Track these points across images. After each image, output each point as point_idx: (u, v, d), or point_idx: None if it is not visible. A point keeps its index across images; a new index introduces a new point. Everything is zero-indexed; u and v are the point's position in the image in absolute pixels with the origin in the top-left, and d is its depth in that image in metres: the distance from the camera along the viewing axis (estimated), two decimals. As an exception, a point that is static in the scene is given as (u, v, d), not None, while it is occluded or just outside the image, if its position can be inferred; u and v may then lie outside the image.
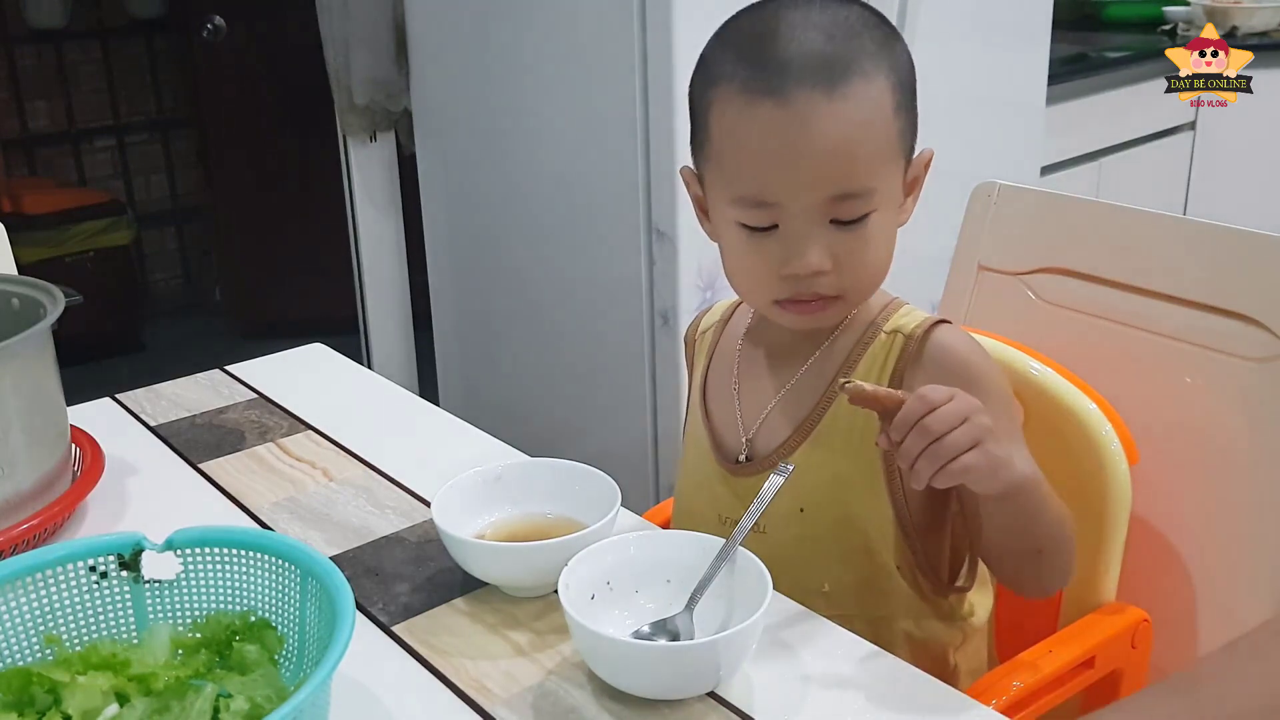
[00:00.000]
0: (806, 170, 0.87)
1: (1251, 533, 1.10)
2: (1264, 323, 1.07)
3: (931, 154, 0.96)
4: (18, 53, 3.85)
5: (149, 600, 0.80)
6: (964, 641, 1.03)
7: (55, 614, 0.78)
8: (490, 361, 2.44)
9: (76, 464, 1.10)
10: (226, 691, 0.72)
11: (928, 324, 0.96)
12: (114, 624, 0.79)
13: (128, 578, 0.79)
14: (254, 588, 0.79)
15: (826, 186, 0.88)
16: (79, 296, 1.10)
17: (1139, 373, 1.15)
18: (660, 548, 0.88)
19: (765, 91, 0.86)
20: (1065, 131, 2.65)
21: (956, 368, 0.94)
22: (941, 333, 0.96)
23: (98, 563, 0.78)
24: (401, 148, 2.63)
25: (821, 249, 0.89)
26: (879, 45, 0.89)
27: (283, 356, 1.44)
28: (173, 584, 0.80)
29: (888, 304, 1.00)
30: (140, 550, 0.79)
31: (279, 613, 0.78)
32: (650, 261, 1.97)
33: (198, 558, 0.80)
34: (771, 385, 1.02)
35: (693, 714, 0.78)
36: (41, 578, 0.77)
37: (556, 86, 2.06)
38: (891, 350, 0.96)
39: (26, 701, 0.72)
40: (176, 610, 0.80)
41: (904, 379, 0.95)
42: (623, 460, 2.07)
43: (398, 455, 1.17)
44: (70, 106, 3.98)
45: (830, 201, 0.88)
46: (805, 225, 0.89)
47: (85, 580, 0.78)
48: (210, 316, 4.13)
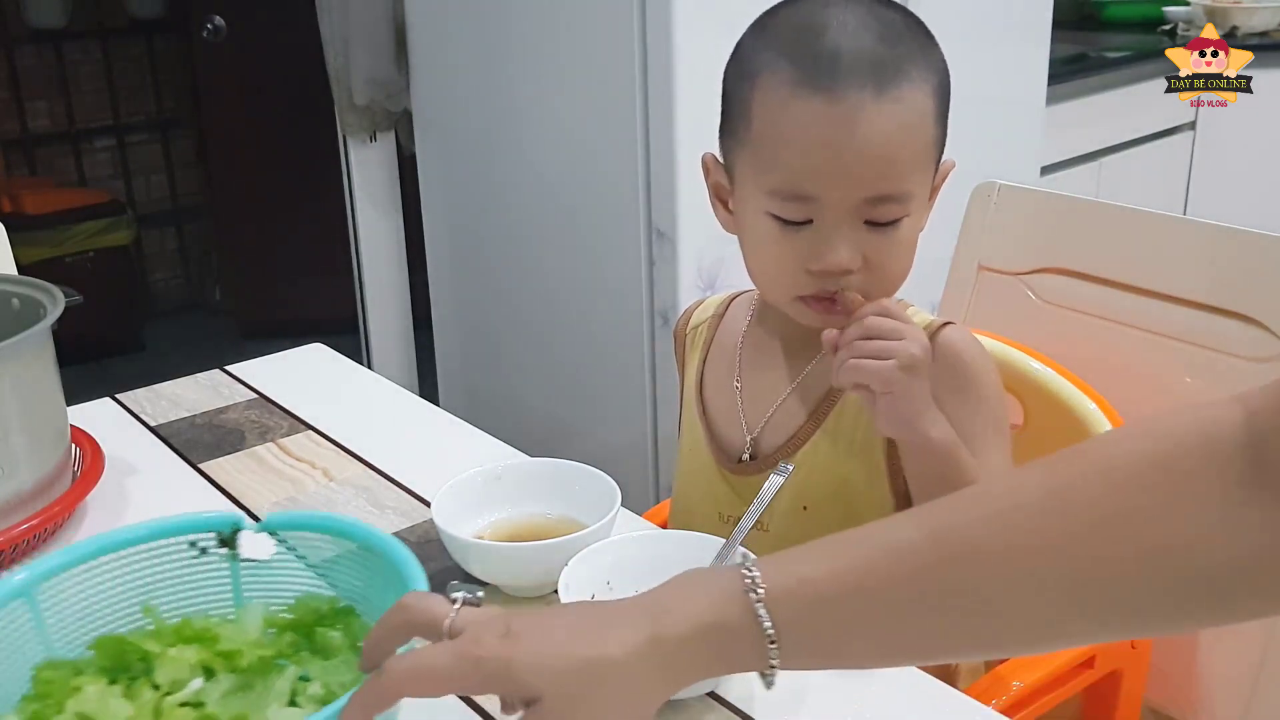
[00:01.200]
0: (849, 168, 0.87)
1: (1251, 533, 1.10)
2: (1264, 323, 1.07)
3: (953, 164, 0.96)
4: (18, 53, 3.84)
5: (244, 578, 0.81)
6: None
7: (154, 585, 0.80)
8: (490, 361, 2.44)
9: (76, 464, 1.10)
10: (307, 674, 0.74)
11: (935, 326, 0.97)
12: (209, 599, 0.81)
13: (225, 555, 0.81)
14: (342, 574, 0.80)
15: (866, 187, 0.87)
16: (79, 296, 1.10)
17: (1139, 373, 1.15)
18: (660, 548, 0.88)
19: (815, 86, 0.86)
20: (1065, 131, 2.64)
21: (953, 363, 0.95)
22: (947, 332, 0.96)
23: (197, 539, 0.80)
24: (401, 148, 2.63)
25: (852, 247, 0.89)
26: (925, 51, 0.90)
27: (283, 356, 1.44)
28: (267, 564, 0.81)
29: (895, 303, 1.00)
30: (238, 529, 0.81)
31: (364, 600, 0.79)
32: (650, 261, 1.97)
33: (292, 540, 0.81)
34: (777, 383, 1.02)
35: (693, 714, 0.78)
36: (144, 549, 0.79)
37: (556, 86, 2.06)
38: None
39: (121, 668, 0.74)
40: (269, 590, 0.82)
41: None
42: (623, 460, 2.07)
43: (398, 455, 1.17)
44: (70, 106, 3.98)
45: (867, 202, 0.88)
46: (839, 223, 0.89)
47: (184, 555, 0.80)
48: (210, 316, 4.13)
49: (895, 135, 0.87)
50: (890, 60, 0.87)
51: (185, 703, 0.72)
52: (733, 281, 0.97)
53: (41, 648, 0.74)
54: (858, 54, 0.86)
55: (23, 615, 0.74)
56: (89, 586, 0.77)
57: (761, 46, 0.91)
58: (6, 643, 0.72)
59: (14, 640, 0.73)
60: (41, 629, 0.75)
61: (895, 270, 0.93)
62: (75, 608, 0.77)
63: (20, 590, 0.74)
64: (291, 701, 0.72)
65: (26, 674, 0.73)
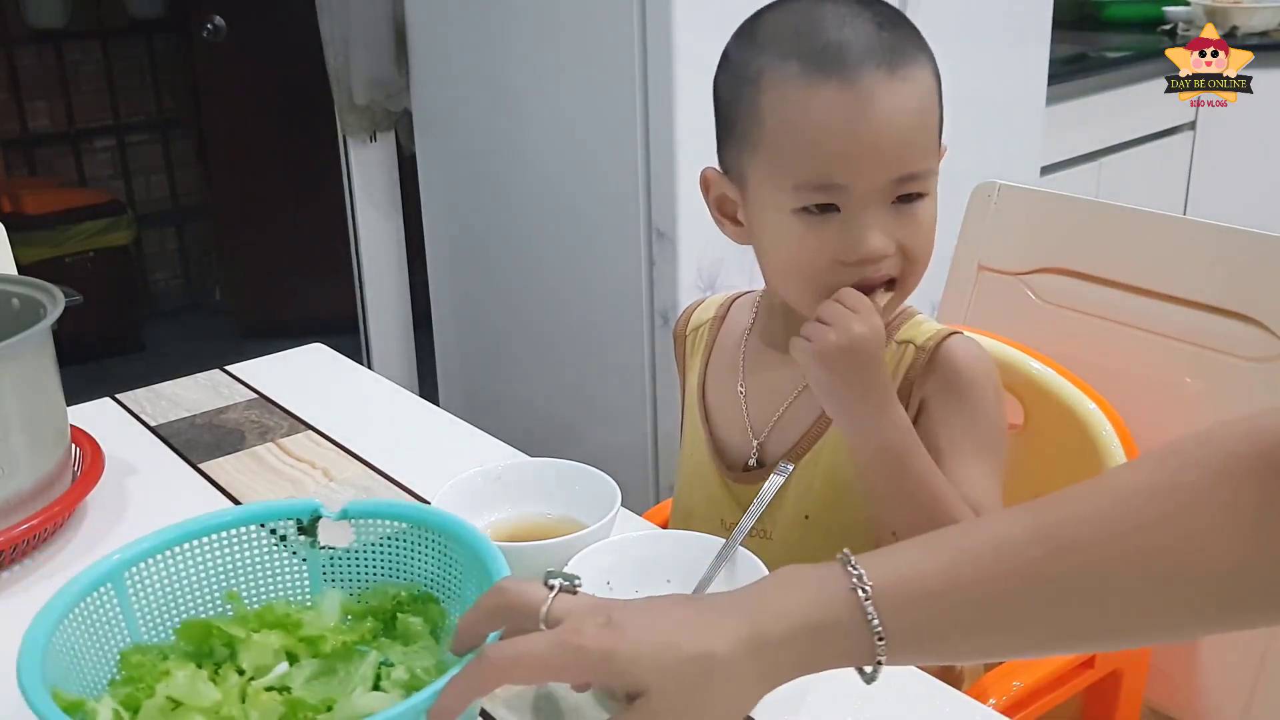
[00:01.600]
0: (873, 150, 0.87)
1: (1251, 533, 1.10)
2: (1264, 323, 1.07)
3: (946, 149, 0.96)
4: (18, 53, 3.85)
5: (323, 566, 0.82)
6: None
7: (236, 572, 0.81)
8: (490, 361, 2.44)
9: (76, 464, 1.10)
10: (389, 660, 0.75)
11: (940, 336, 0.96)
12: (289, 586, 0.83)
13: (304, 542, 0.82)
14: (421, 561, 0.81)
15: (892, 167, 0.87)
16: (79, 296, 1.10)
17: (1139, 373, 1.15)
18: (660, 548, 0.88)
19: (827, 74, 0.86)
20: (1065, 131, 2.64)
21: (949, 373, 0.95)
22: (951, 341, 0.96)
23: (278, 526, 0.82)
24: (401, 148, 2.63)
25: (884, 232, 0.89)
26: (917, 33, 0.91)
27: (283, 356, 1.44)
28: (346, 552, 0.82)
29: (900, 311, 0.99)
30: (318, 517, 0.82)
31: (442, 587, 0.80)
32: (650, 261, 1.97)
33: (371, 528, 0.82)
34: (782, 386, 1.00)
35: (693, 714, 0.78)
36: (226, 536, 0.81)
37: (557, 87, 2.06)
38: (902, 360, 0.96)
39: (205, 653, 0.76)
40: (347, 577, 0.83)
41: (914, 389, 0.95)
42: (623, 460, 2.07)
43: (398, 455, 1.17)
44: (70, 106, 3.98)
45: (894, 183, 0.88)
46: (868, 208, 0.88)
47: (266, 542, 0.81)
48: (210, 316, 4.13)
49: (912, 113, 0.88)
50: (894, 42, 0.87)
51: (271, 687, 0.73)
52: (733, 281, 0.97)
53: (127, 632, 0.76)
54: (864, 39, 0.87)
55: (110, 599, 0.75)
56: (173, 572, 0.79)
57: (757, 51, 0.91)
58: (95, 626, 0.74)
59: (102, 624, 0.74)
60: (128, 613, 0.76)
61: (923, 252, 0.92)
62: (160, 593, 0.78)
63: (108, 575, 0.75)
64: (375, 686, 0.73)
65: (114, 658, 0.74)
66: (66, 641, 0.71)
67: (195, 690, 0.71)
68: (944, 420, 0.94)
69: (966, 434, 0.94)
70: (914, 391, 0.95)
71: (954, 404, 0.94)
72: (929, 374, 0.95)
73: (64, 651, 0.70)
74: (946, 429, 0.94)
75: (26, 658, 0.66)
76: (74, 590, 0.73)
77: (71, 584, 0.73)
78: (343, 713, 0.70)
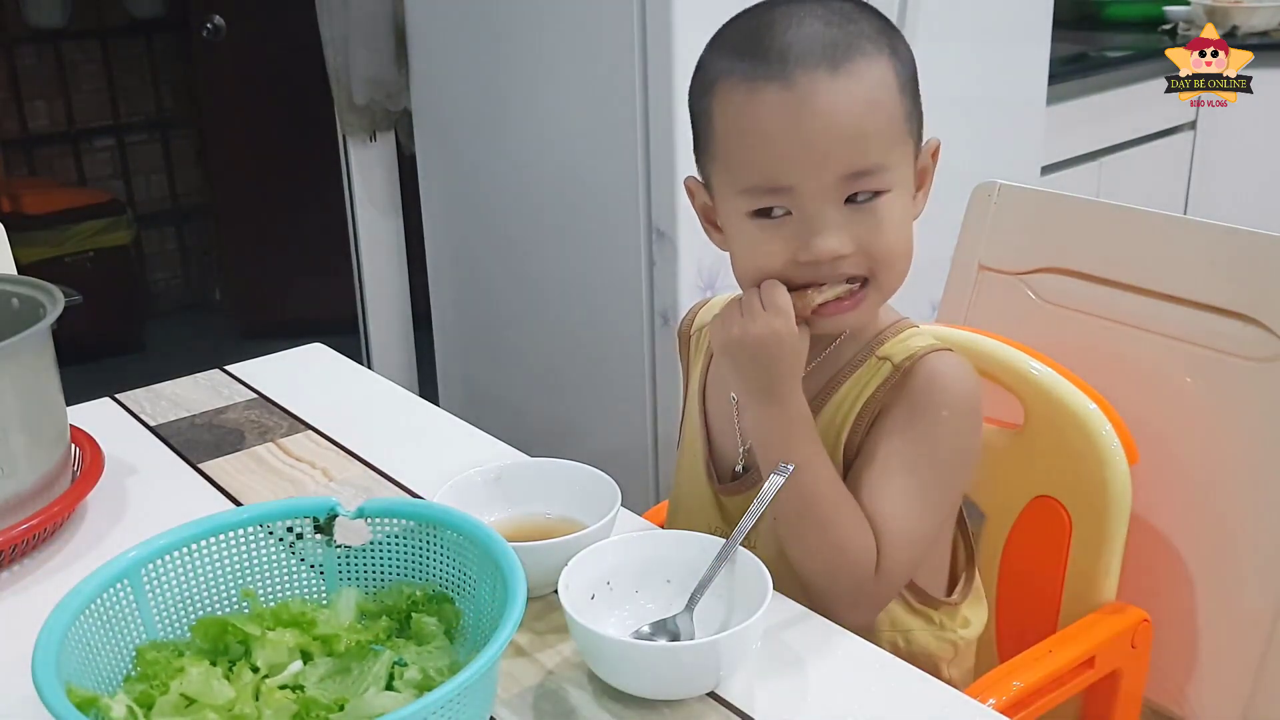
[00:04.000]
0: (816, 149, 0.86)
1: (1251, 532, 1.10)
2: (1264, 323, 1.07)
3: (939, 143, 0.95)
4: (18, 53, 3.84)
5: (339, 564, 0.83)
6: (956, 655, 1.01)
7: (252, 570, 0.82)
8: (490, 361, 2.44)
9: (76, 464, 1.10)
10: (402, 660, 0.75)
11: (921, 353, 0.94)
12: (305, 584, 0.83)
13: (320, 540, 0.82)
14: (436, 561, 0.81)
15: (838, 165, 0.87)
16: (79, 296, 1.10)
17: (1139, 373, 1.15)
18: (660, 548, 0.88)
19: (767, 77, 0.86)
20: (1065, 131, 2.64)
21: (915, 388, 0.93)
22: (931, 358, 0.94)
23: (294, 524, 0.82)
24: (401, 148, 2.63)
25: (839, 231, 0.88)
26: (877, 30, 0.89)
27: (283, 356, 1.44)
28: (361, 550, 0.82)
29: (894, 323, 0.98)
30: (334, 515, 0.82)
31: (458, 588, 0.80)
32: (650, 261, 1.97)
33: (387, 528, 0.82)
34: None
35: (693, 714, 0.78)
36: (243, 534, 0.81)
37: (556, 86, 2.06)
38: (875, 376, 0.94)
39: (221, 650, 0.77)
40: (363, 576, 0.83)
41: (881, 407, 0.94)
42: (623, 460, 2.07)
43: (398, 455, 1.17)
44: (70, 106, 3.98)
45: (843, 181, 0.87)
46: (820, 208, 0.88)
47: (283, 540, 0.82)
48: (210, 316, 4.13)
49: (858, 109, 0.86)
50: (841, 39, 0.87)
51: (284, 685, 0.73)
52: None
53: (143, 628, 0.77)
54: (807, 39, 0.86)
55: (126, 595, 0.76)
56: (189, 569, 0.79)
57: (716, 57, 0.91)
58: (111, 622, 0.74)
59: (118, 620, 0.75)
60: (145, 609, 0.77)
61: (887, 252, 0.90)
62: (176, 590, 0.79)
63: (125, 571, 0.76)
64: (388, 686, 0.73)
65: (129, 654, 0.75)
66: (82, 637, 0.71)
67: (209, 687, 0.71)
68: (890, 430, 0.93)
69: (907, 448, 0.92)
70: (881, 409, 0.94)
71: (906, 417, 0.93)
72: (898, 390, 0.93)
73: (79, 647, 0.70)
74: (888, 439, 0.93)
75: (41, 653, 0.66)
76: (90, 586, 0.73)
77: (88, 580, 0.73)
78: (355, 712, 0.70)
